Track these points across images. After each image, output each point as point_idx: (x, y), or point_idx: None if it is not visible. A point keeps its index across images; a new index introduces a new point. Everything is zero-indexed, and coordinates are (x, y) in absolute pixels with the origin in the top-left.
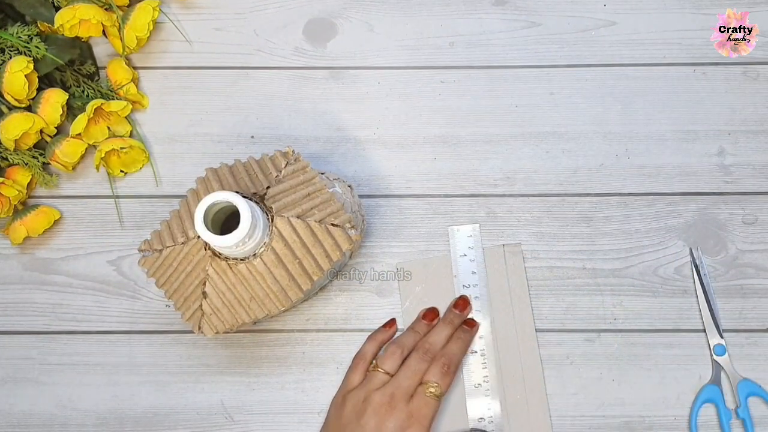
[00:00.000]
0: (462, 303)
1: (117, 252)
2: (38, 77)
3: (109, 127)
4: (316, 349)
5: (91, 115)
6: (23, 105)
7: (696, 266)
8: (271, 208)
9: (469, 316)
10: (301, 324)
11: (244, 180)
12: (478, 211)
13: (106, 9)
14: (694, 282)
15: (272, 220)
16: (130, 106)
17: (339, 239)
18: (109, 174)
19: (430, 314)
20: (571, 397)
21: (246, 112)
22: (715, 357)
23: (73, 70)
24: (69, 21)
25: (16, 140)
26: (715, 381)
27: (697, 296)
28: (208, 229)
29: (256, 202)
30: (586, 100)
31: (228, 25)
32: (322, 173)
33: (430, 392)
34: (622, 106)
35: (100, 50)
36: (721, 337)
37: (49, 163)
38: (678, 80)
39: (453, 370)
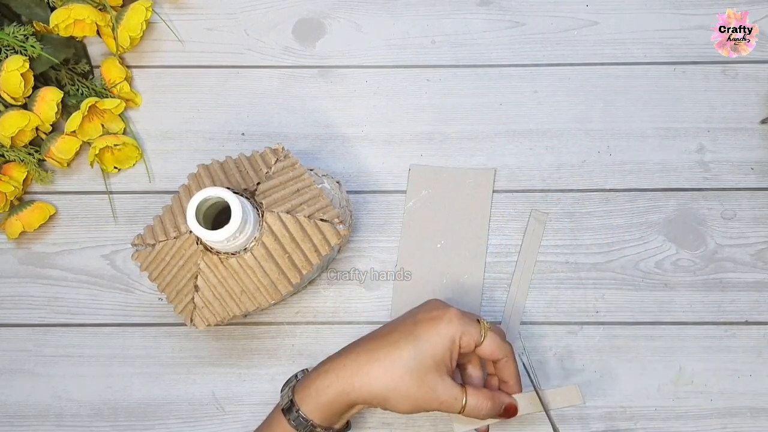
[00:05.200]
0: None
1: (111, 246)
2: (34, 76)
3: (103, 125)
4: (306, 341)
5: (86, 113)
6: (19, 103)
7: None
8: (262, 203)
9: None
10: (291, 317)
11: (235, 176)
12: None
13: (100, 9)
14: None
15: (262, 216)
16: (124, 104)
17: (328, 234)
18: (103, 170)
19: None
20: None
21: (237, 110)
22: None
23: (68, 69)
24: (64, 21)
25: (12, 137)
26: None
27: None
28: (200, 224)
29: (246, 197)
30: (568, 98)
31: (219, 25)
32: (311, 170)
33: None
34: (603, 104)
35: (94, 49)
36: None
37: (45, 160)
38: (658, 79)
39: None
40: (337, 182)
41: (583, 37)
